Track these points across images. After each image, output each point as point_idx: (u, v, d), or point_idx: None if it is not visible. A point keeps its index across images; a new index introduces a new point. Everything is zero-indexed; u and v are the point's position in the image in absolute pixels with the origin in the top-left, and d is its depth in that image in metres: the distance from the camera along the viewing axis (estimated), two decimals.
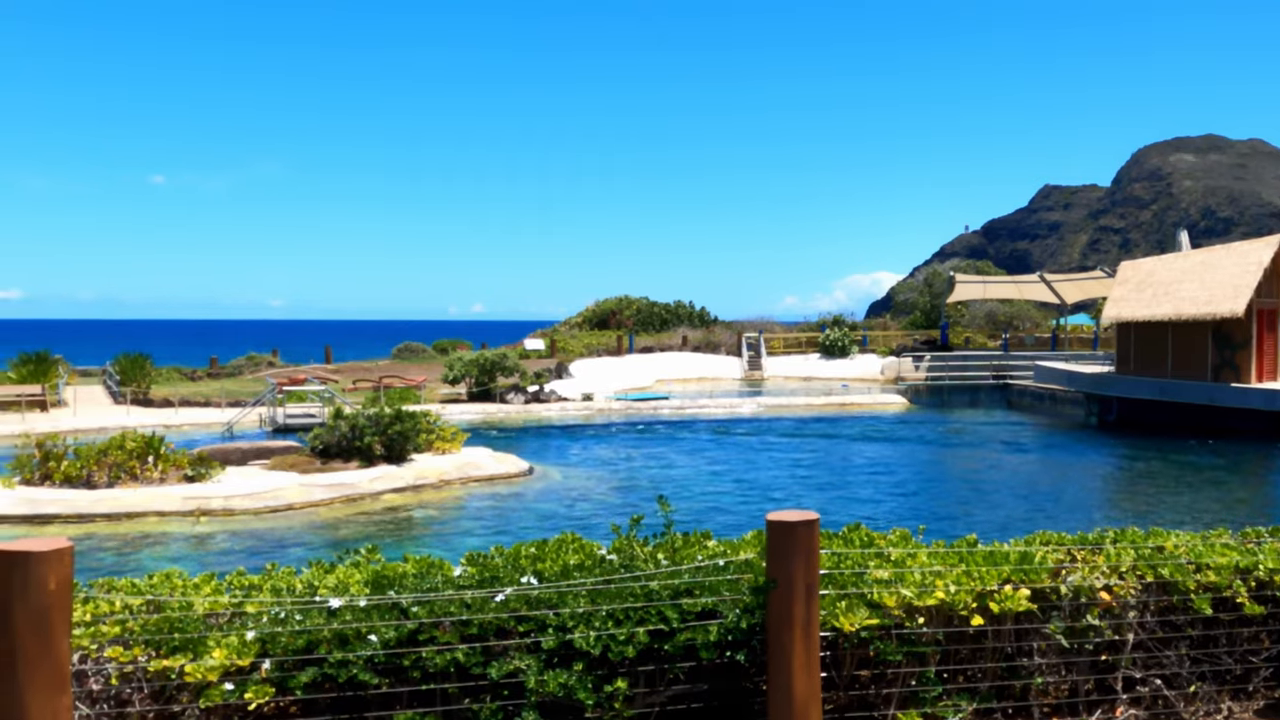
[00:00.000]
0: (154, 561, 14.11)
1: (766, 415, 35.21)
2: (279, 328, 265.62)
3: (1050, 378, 37.35)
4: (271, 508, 17.50)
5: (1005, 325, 55.55)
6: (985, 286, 56.34)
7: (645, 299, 63.48)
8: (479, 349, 45.57)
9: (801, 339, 54.57)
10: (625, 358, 49.76)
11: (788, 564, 4.40)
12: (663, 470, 22.96)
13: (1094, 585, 5.11)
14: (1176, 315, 31.05)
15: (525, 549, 5.09)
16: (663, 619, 4.36)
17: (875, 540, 5.29)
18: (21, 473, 17.93)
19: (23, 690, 3.33)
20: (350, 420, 20.32)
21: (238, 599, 4.45)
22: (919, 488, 21.07)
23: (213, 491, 17.77)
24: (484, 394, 36.19)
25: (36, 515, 16.63)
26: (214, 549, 15.10)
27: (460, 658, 4.17)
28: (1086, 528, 5.97)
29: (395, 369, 43.84)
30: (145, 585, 4.59)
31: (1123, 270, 36.30)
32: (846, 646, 4.70)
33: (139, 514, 16.83)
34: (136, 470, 18.16)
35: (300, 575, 4.86)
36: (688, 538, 5.20)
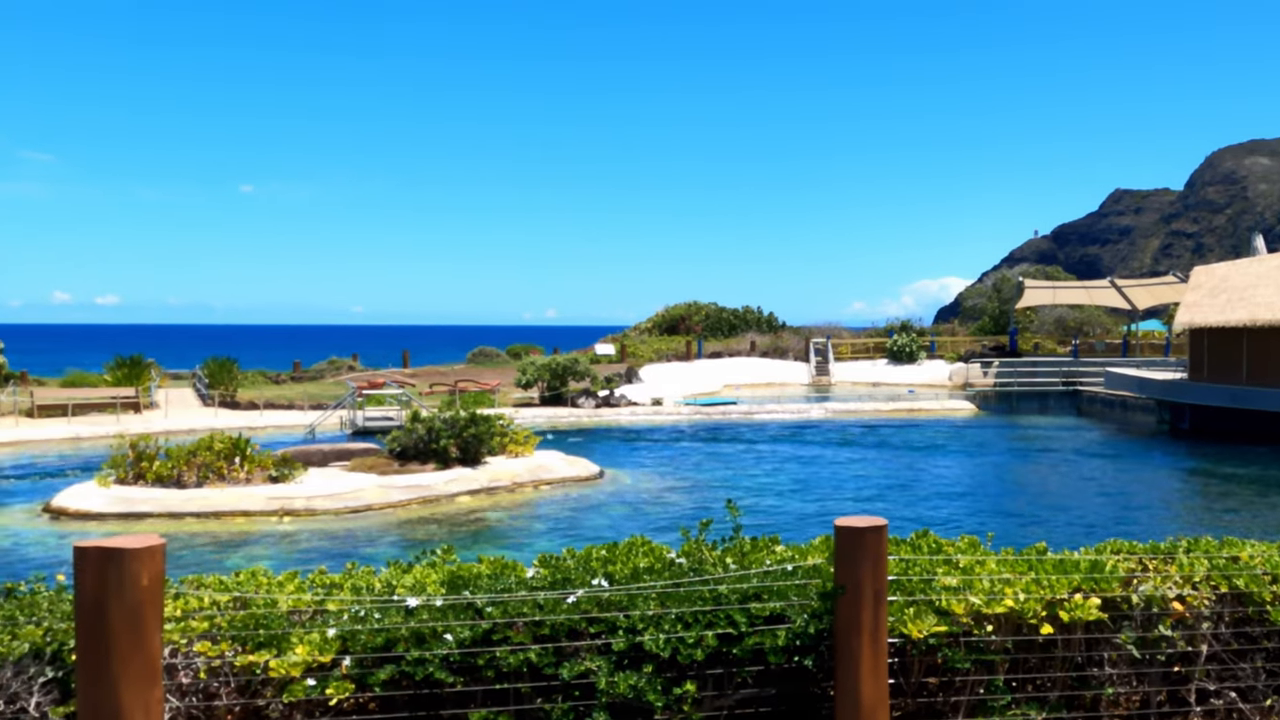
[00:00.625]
0: (240, 559, 14.43)
1: (834, 420, 34.91)
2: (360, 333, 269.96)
3: (1121, 384, 36.50)
4: (351, 508, 17.77)
5: (1075, 331, 54.42)
6: (1055, 292, 55.27)
7: (714, 305, 63.31)
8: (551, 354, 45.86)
9: (869, 345, 54.03)
10: (694, 363, 49.69)
11: (856, 570, 4.36)
12: (730, 475, 22.88)
13: (1166, 595, 4.97)
14: (1252, 321, 30.14)
15: (596, 551, 5.11)
16: (731, 622, 4.34)
17: (943, 547, 5.21)
18: (117, 472, 18.46)
19: (117, 682, 3.42)
20: (427, 423, 20.57)
21: (319, 597, 4.53)
22: (987, 495, 20.73)
23: (295, 492, 18.11)
24: (556, 398, 36.39)
25: (130, 513, 17.10)
26: (297, 548, 15.39)
27: (533, 658, 4.19)
28: (1158, 537, 5.82)
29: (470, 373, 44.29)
30: (232, 582, 4.69)
31: (1196, 275, 35.35)
32: (914, 653, 4.63)
33: (226, 513, 17.22)
34: (224, 470, 18.58)
35: (379, 574, 4.92)
36: (756, 542, 5.17)
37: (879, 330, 57.44)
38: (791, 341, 54.93)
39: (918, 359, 50.77)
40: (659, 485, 21.12)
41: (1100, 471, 24.15)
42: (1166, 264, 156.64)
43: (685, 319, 61.24)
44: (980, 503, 19.50)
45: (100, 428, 29.00)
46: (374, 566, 5.10)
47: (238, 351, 49.67)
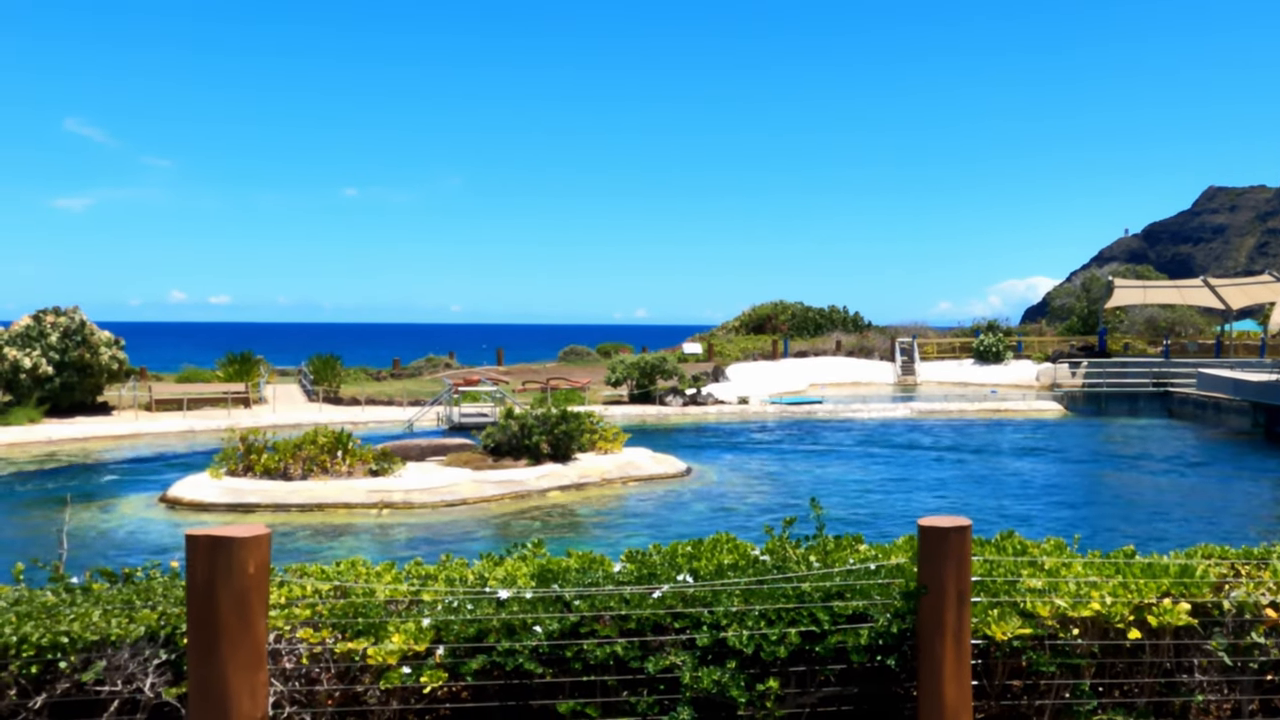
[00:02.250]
0: (341, 550, 14.77)
1: (919, 420, 34.34)
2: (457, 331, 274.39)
3: (1214, 386, 35.19)
4: (447, 502, 18.05)
5: (1166, 331, 52.63)
6: (1145, 291, 53.51)
7: (800, 304, 62.78)
8: (640, 352, 45.97)
9: (955, 344, 53.01)
10: (780, 362, 49.34)
11: (939, 570, 4.28)
12: (815, 473, 22.66)
13: (1259, 601, 4.78)
14: None
15: (681, 548, 5.10)
16: (814, 620, 4.30)
17: (1028, 548, 5.09)
18: (228, 464, 19.04)
19: (225, 665, 3.52)
20: (520, 420, 20.79)
21: (415, 587, 4.60)
22: (1074, 496, 20.18)
23: (394, 485, 18.46)
24: (644, 396, 36.47)
25: (240, 504, 17.63)
26: (394, 539, 15.69)
27: (619, 651, 4.21)
28: (1252, 542, 5.59)
29: (561, 371, 44.64)
30: (333, 572, 4.79)
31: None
32: (998, 655, 4.52)
33: (329, 505, 17.64)
34: (327, 464, 19.03)
35: (472, 567, 4.99)
36: (839, 541, 5.11)
37: (965, 330, 56.30)
38: (877, 341, 54.17)
39: (1004, 359, 49.63)
40: (744, 483, 21.02)
41: (1191, 475, 23.34)
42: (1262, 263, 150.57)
43: (771, 318, 60.84)
44: (1067, 505, 18.99)
45: (212, 421, 29.95)
46: (467, 559, 5.18)
47: (341, 349, 50.85)
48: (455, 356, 54.69)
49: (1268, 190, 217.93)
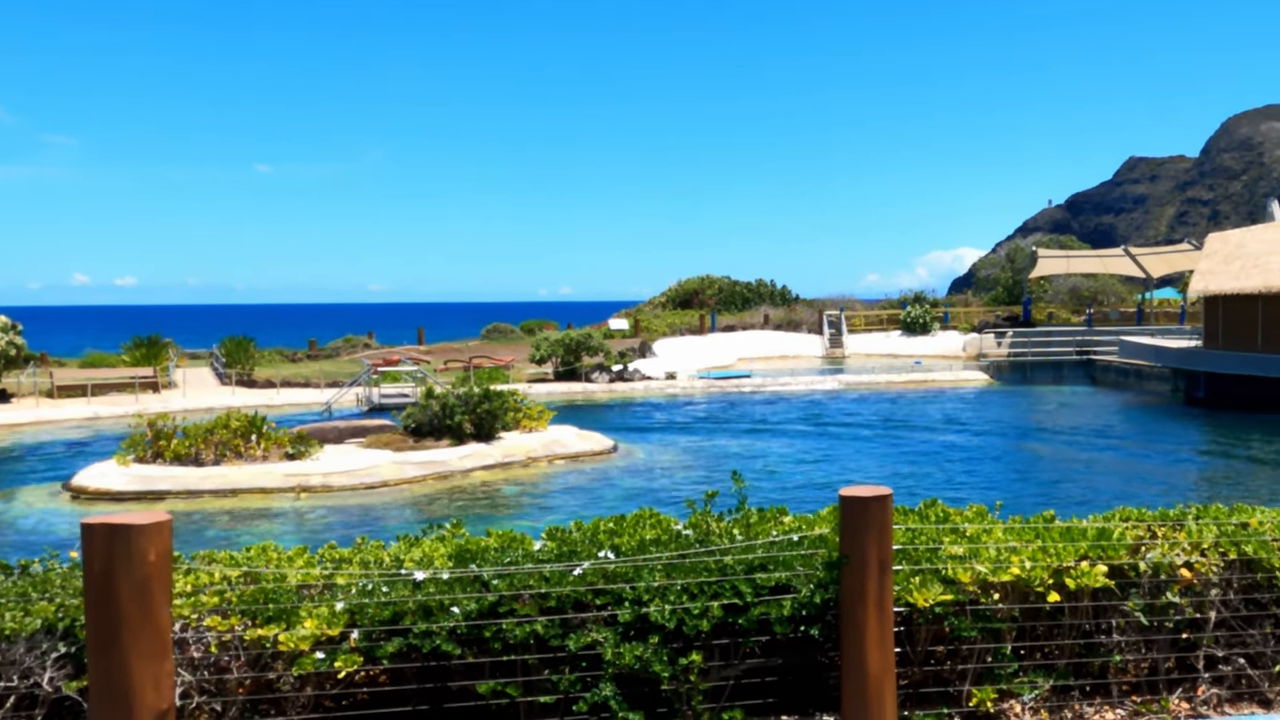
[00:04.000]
0: (257, 536, 14.53)
1: (848, 392, 34.84)
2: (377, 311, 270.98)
3: (1136, 353, 36.28)
4: (367, 484, 17.86)
5: (1089, 300, 54.07)
6: (1068, 261, 54.88)
7: (727, 278, 63.14)
8: (565, 329, 45.89)
9: (883, 316, 53.82)
10: (707, 336, 49.61)
11: (861, 539, 4.34)
12: (744, 447, 22.88)
13: (1174, 562, 4.95)
14: (1267, 288, 29.88)
15: (604, 524, 5.12)
16: (737, 593, 4.35)
17: (950, 516, 5.20)
18: (135, 450, 18.58)
19: (127, 656, 3.44)
20: (441, 400, 20.62)
21: (328, 571, 4.55)
22: (998, 465, 20.68)
23: (312, 469, 18.20)
24: (570, 373, 36.43)
25: (149, 491, 17.23)
26: (313, 524, 15.48)
27: (539, 630, 4.21)
28: (1170, 505, 5.79)
29: (484, 349, 44.36)
30: (242, 558, 4.72)
31: (1210, 242, 35.04)
32: (921, 622, 4.62)
33: (244, 490, 17.33)
34: (241, 448, 18.68)
35: (388, 549, 4.95)
36: (763, 513, 5.17)
37: (893, 302, 57.17)
38: (805, 314, 54.74)
39: (931, 330, 50.55)
40: (672, 458, 21.14)
41: (1113, 440, 24.06)
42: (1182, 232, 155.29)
43: (698, 293, 61.10)
44: (991, 473, 19.46)
45: (119, 407, 29.18)
46: (383, 541, 5.13)
47: (256, 331, 49.85)
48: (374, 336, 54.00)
49: (1186, 160, 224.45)
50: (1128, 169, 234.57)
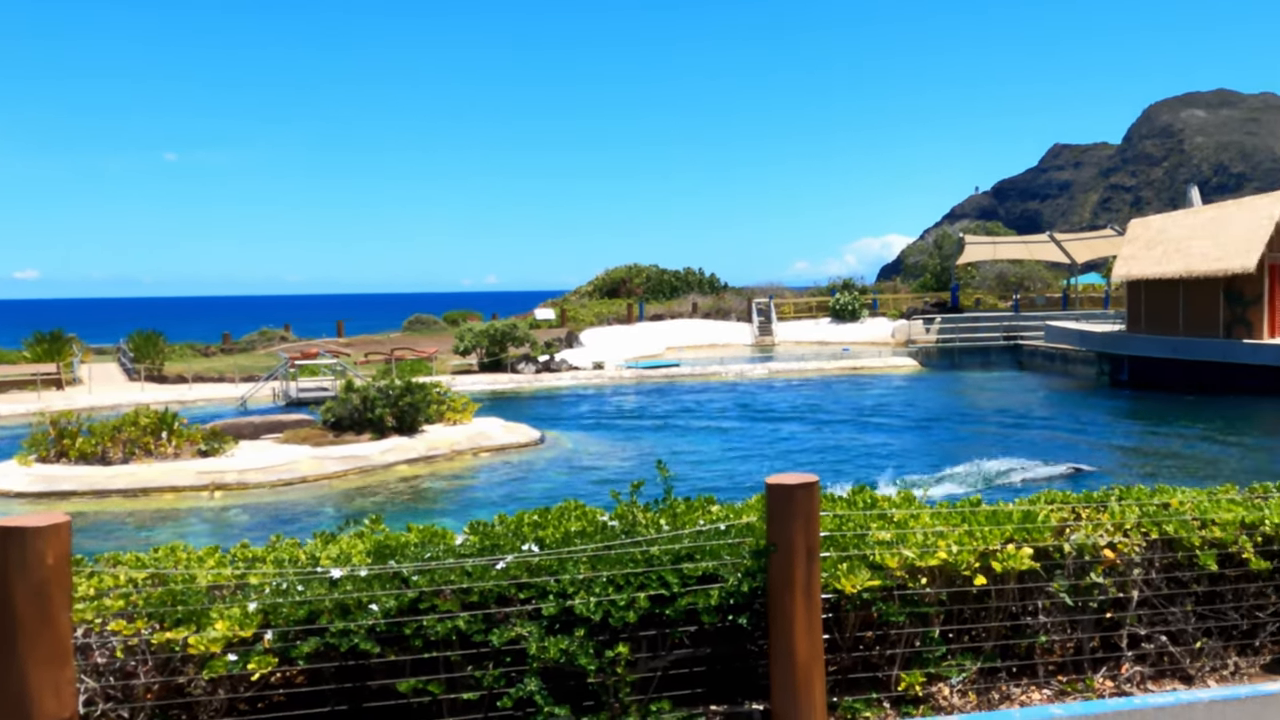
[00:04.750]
0: (168, 536, 14.21)
1: (777, 380, 35.16)
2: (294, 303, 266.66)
3: (1061, 338, 37.18)
4: (285, 481, 17.57)
5: (1016, 286, 55.22)
6: (995, 247, 55.98)
7: (655, 267, 63.27)
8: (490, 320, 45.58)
9: (812, 304, 54.39)
10: (635, 326, 49.69)
11: (788, 527, 4.38)
12: (673, 437, 22.97)
13: (1098, 543, 5.07)
14: (1188, 272, 30.81)
15: (528, 517, 5.09)
16: (663, 584, 4.35)
17: (878, 502, 5.27)
18: (37, 450, 18.03)
19: (24, 662, 3.34)
20: (361, 393, 20.36)
21: (240, 571, 4.46)
22: (927, 449, 21.04)
23: (226, 466, 17.85)
24: (495, 364, 36.22)
25: (53, 492, 16.74)
26: (229, 522, 15.19)
27: (462, 626, 4.17)
28: (1094, 487, 5.94)
29: (407, 341, 43.89)
30: (149, 559, 4.60)
31: (1133, 228, 36.01)
32: (849, 608, 4.68)
33: (154, 489, 16.93)
34: (151, 446, 18.25)
35: (304, 547, 4.86)
36: (690, 503, 5.18)
37: (821, 289, 57.78)
38: (734, 303, 55.08)
39: (860, 317, 51.24)
40: (600, 449, 21.15)
41: (1040, 424, 24.63)
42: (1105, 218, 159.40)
43: (626, 282, 61.14)
44: (921, 458, 19.79)
45: (20, 405, 28.30)
46: (300, 539, 5.04)
47: (165, 325, 48.71)
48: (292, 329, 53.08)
49: (1110, 147, 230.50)
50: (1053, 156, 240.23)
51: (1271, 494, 5.83)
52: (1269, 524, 5.34)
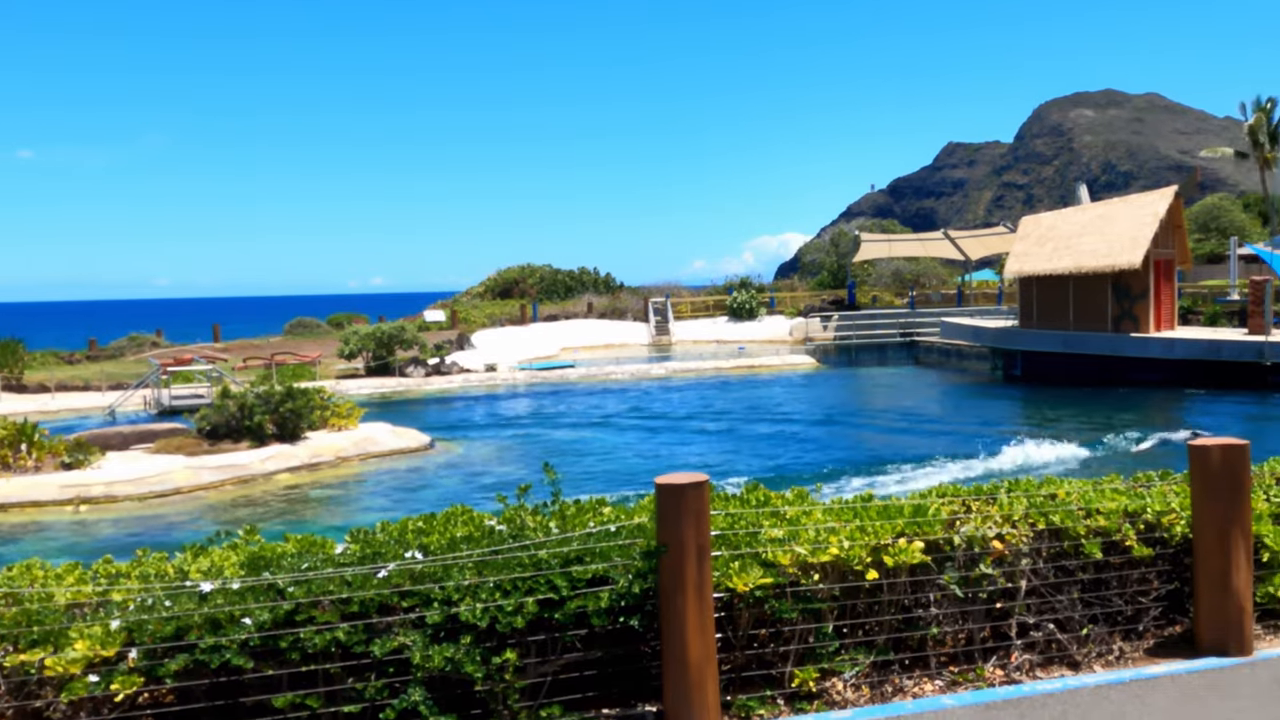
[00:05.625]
0: (26, 553, 13.63)
1: (674, 380, 35.40)
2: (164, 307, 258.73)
3: (956, 334, 38.22)
4: (157, 493, 17.05)
5: (911, 283, 56.60)
6: (891, 245, 57.28)
7: (549, 267, 63.12)
8: (377, 322, 44.92)
9: (709, 303, 54.89)
10: (529, 327, 49.52)
11: (678, 527, 4.42)
12: (568, 439, 22.95)
13: (987, 535, 5.23)
14: (1077, 268, 31.96)
15: (412, 523, 5.04)
16: (552, 588, 4.35)
17: (771, 499, 5.35)
18: None
19: None
20: (239, 399, 19.87)
21: (103, 588, 4.32)
22: (824, 446, 21.41)
23: (93, 478, 17.23)
24: (382, 368, 35.71)
25: None
26: (97, 537, 14.67)
27: (341, 637, 4.11)
28: (986, 480, 6.12)
29: (288, 345, 42.98)
30: (3, 578, 4.43)
31: (1024, 225, 37.20)
32: (741, 606, 4.74)
33: (13, 504, 16.25)
34: (9, 459, 17.53)
35: (172, 560, 4.74)
36: (581, 505, 5.19)
37: (719, 288, 58.36)
38: (630, 302, 55.28)
39: (758, 315, 51.90)
40: (492, 453, 21.02)
41: (935, 419, 25.28)
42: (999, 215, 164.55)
43: (519, 282, 60.86)
44: (818, 455, 20.14)
45: None
46: (169, 552, 4.91)
47: (24, 331, 46.83)
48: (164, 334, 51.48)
49: (1002, 146, 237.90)
50: (947, 154, 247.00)
51: (1154, 483, 6.09)
52: (1150, 512, 5.58)
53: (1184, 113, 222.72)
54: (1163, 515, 5.59)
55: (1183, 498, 5.65)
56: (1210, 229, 61.36)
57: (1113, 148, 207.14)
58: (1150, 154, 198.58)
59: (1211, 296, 40.82)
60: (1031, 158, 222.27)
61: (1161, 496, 5.74)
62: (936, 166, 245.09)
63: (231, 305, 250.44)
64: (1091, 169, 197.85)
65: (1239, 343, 28.87)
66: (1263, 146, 59.22)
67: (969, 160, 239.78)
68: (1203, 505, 5.36)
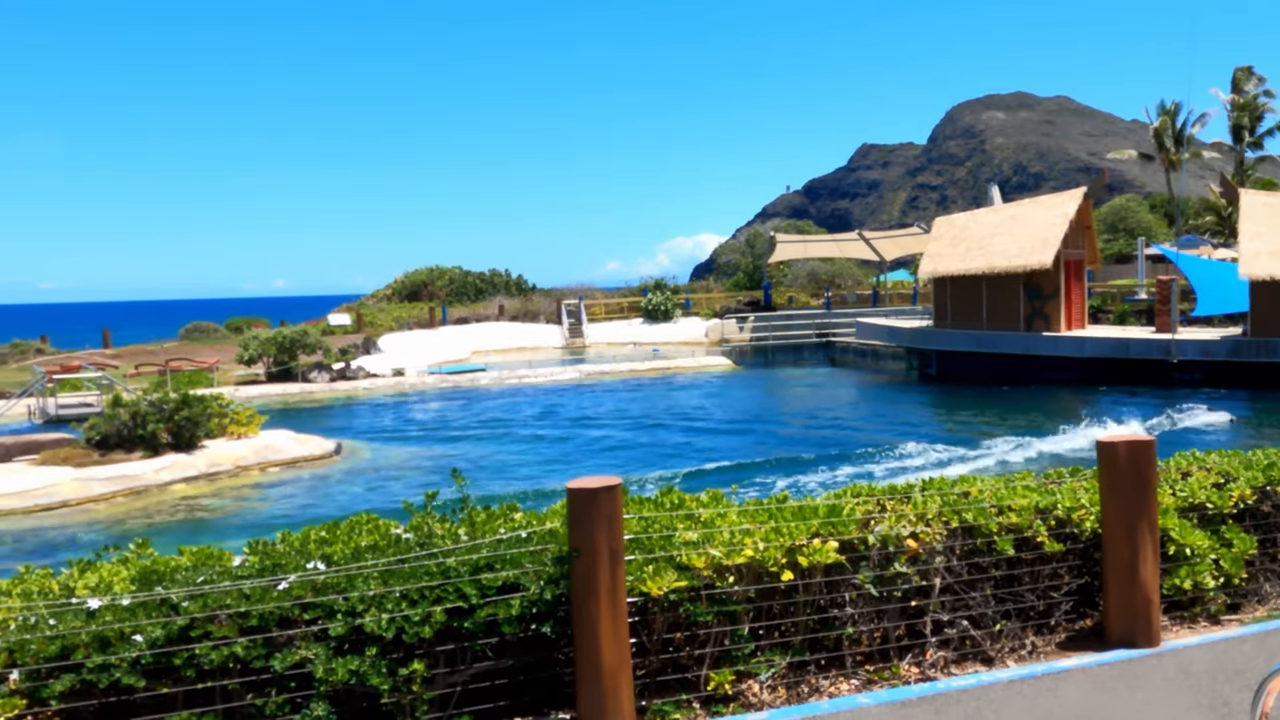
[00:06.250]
0: None
1: (589, 383, 35.37)
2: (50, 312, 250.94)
3: (872, 334, 38.84)
4: (43, 506, 16.52)
5: (827, 284, 57.36)
6: (806, 246, 57.98)
7: (458, 269, 62.64)
8: (278, 326, 44.12)
9: (624, 304, 54.97)
10: (439, 330, 49.08)
11: (590, 531, 4.42)
12: (479, 444, 22.78)
13: (901, 533, 5.33)
14: (990, 268, 32.71)
15: (315, 533, 4.97)
16: (461, 596, 4.32)
17: (686, 502, 5.37)
18: None
19: None
20: (131, 407, 19.33)
21: None
22: (741, 448, 21.58)
23: None
24: (284, 374, 35.07)
25: None
26: None
27: (240, 651, 4.03)
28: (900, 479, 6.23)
29: (184, 351, 42.00)
30: None
31: (937, 226, 37.96)
32: (656, 610, 4.76)
33: None
34: None
35: (57, 577, 4.60)
36: (491, 511, 5.17)
37: (634, 289, 58.46)
38: (543, 304, 55.10)
39: (673, 317, 52.11)
40: (401, 459, 20.78)
41: (851, 420, 25.66)
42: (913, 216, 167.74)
43: (428, 285, 60.27)
44: (734, 456, 20.28)
45: None
46: (55, 568, 4.77)
47: None
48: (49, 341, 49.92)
49: (916, 147, 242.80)
50: (861, 155, 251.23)
51: (1064, 479, 6.27)
52: (1061, 508, 5.74)
53: (1092, 115, 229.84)
54: (1073, 511, 5.76)
55: (1092, 493, 5.82)
56: (1118, 229, 63.30)
57: (1024, 149, 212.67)
58: (1060, 156, 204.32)
59: (1120, 296, 42.14)
60: (945, 159, 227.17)
61: (1072, 493, 5.90)
62: (851, 168, 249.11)
63: (123, 310, 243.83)
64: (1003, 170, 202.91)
65: (1147, 341, 29.87)
66: (1168, 149, 61.45)
67: (883, 161, 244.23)
68: (1111, 500, 5.52)
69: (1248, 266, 28.23)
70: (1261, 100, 60.96)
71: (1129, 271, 50.67)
